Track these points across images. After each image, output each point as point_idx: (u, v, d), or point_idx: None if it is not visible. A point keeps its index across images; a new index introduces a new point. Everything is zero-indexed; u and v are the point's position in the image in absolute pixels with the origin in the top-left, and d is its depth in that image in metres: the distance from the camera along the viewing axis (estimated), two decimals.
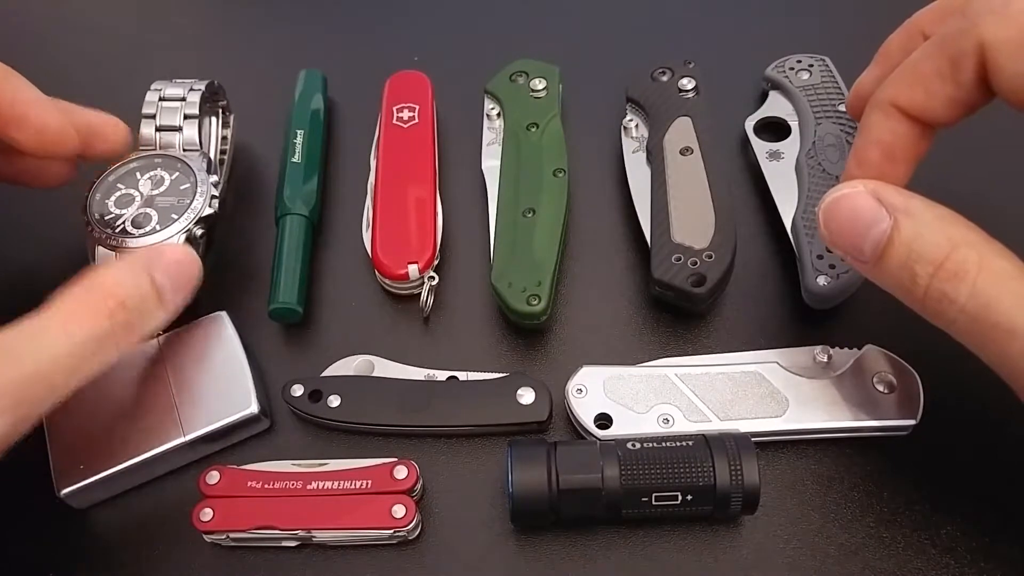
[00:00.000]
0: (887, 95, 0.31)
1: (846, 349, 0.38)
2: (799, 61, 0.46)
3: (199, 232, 0.39)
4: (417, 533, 0.35)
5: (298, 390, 0.38)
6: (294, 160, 0.45)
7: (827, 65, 0.46)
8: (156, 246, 0.35)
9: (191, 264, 0.35)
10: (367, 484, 0.35)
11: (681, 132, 0.43)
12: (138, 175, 0.41)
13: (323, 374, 0.39)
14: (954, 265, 0.28)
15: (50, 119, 0.36)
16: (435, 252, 0.41)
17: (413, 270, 0.40)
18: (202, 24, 0.56)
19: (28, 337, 0.29)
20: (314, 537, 0.35)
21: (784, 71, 0.46)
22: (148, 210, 0.40)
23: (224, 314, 0.39)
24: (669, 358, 0.39)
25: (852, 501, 0.36)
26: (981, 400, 0.37)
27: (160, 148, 0.42)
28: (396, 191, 0.43)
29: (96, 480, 0.35)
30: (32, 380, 0.28)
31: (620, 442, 0.34)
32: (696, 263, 0.38)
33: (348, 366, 0.39)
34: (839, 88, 0.44)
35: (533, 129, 0.44)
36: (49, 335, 0.29)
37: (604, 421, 0.36)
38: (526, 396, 0.37)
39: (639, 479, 0.32)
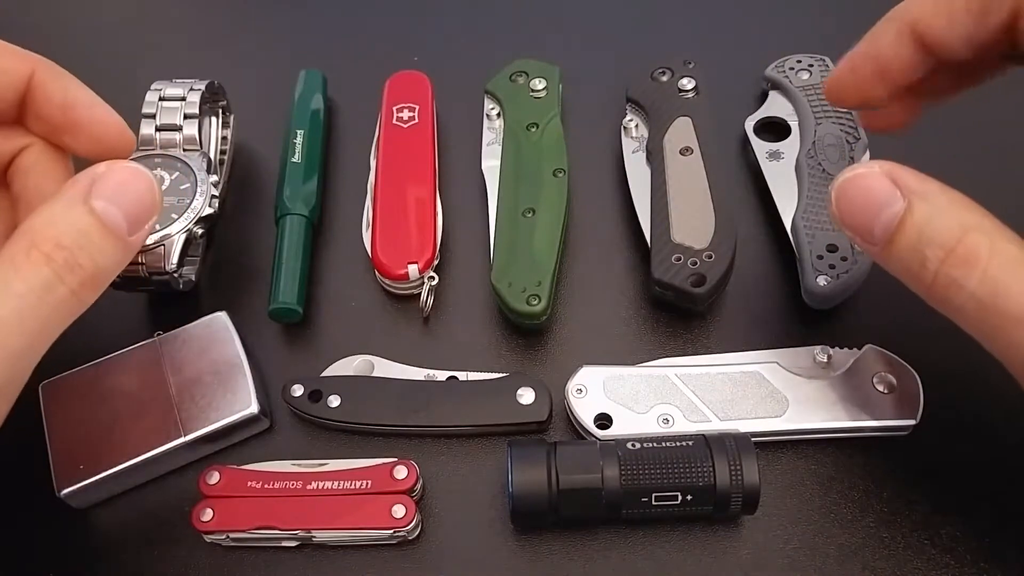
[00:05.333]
0: (908, 13, 0.30)
1: (846, 349, 0.38)
2: (799, 61, 0.46)
3: (199, 232, 0.39)
4: (417, 533, 0.35)
5: (298, 390, 0.38)
6: (294, 160, 0.45)
7: (827, 65, 0.46)
8: (95, 168, 0.30)
9: (138, 181, 0.30)
10: (367, 484, 0.35)
11: (681, 132, 0.43)
12: None
13: (323, 374, 0.39)
14: (965, 251, 0.27)
15: (107, 127, 0.34)
16: (435, 252, 0.41)
17: (413, 270, 0.40)
18: (202, 24, 0.56)
19: None
20: (314, 537, 0.35)
21: (784, 71, 0.46)
22: None
23: (224, 314, 0.39)
24: (669, 358, 0.39)
25: (852, 501, 0.36)
26: (981, 400, 0.37)
27: (160, 148, 0.42)
28: (396, 191, 0.43)
29: (96, 480, 0.35)
30: None
31: (620, 442, 0.34)
32: (696, 263, 0.38)
33: (348, 366, 0.39)
34: None
35: (533, 129, 0.44)
36: None
37: (604, 421, 0.36)
38: (526, 396, 0.37)
39: (639, 479, 0.32)
